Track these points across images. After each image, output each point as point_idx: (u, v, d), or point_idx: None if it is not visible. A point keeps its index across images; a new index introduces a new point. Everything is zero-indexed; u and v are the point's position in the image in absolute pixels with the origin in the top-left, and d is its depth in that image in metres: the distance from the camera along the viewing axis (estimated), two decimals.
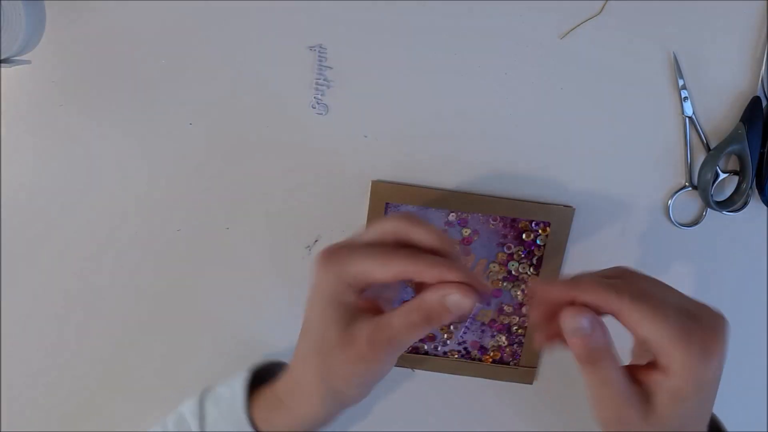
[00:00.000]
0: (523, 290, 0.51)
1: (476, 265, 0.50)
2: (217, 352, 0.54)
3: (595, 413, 0.36)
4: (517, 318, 0.52)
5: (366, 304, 0.38)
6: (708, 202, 0.48)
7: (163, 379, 0.54)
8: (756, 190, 0.48)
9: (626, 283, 0.36)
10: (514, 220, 0.49)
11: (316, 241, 0.51)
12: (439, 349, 0.53)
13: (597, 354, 0.35)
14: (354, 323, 0.37)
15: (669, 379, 0.34)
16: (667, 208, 0.49)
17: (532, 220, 0.49)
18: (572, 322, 0.35)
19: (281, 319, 0.52)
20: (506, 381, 0.53)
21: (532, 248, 0.50)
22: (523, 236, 0.49)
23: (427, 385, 0.54)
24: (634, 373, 0.36)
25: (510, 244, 0.50)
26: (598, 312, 0.35)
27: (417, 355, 0.53)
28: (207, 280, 0.52)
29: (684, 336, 0.33)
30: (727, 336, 0.35)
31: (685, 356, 0.33)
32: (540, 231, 0.49)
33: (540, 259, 0.50)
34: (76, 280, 0.52)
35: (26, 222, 0.50)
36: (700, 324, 0.34)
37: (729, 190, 0.49)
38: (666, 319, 0.34)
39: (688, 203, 0.50)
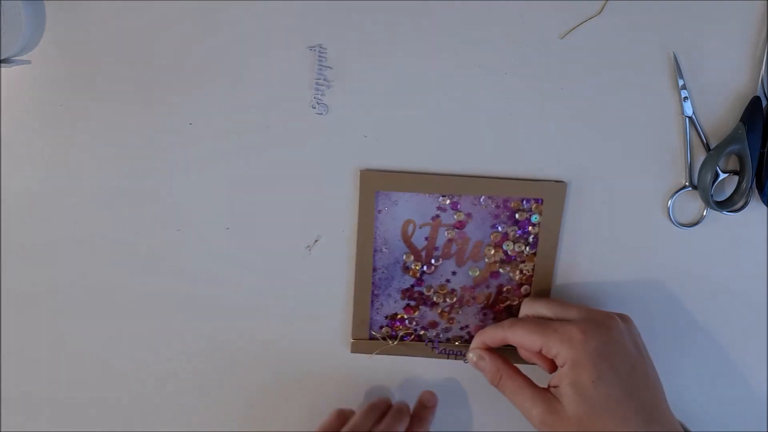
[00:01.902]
0: (521, 270, 0.51)
1: (472, 248, 0.50)
2: (216, 352, 0.54)
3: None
4: (517, 299, 0.52)
5: None
6: (708, 202, 0.48)
7: (163, 378, 0.54)
8: (756, 190, 0.48)
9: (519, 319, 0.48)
10: (506, 201, 0.49)
11: (316, 241, 0.51)
12: (441, 336, 0.53)
13: (495, 376, 0.47)
14: None
15: (561, 369, 0.43)
16: (667, 208, 0.49)
17: (528, 207, 0.49)
18: (469, 356, 0.49)
19: (281, 319, 0.52)
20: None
21: (527, 228, 0.50)
22: (517, 216, 0.49)
23: (432, 372, 0.54)
24: (550, 383, 0.44)
25: (504, 225, 0.50)
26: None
27: (419, 343, 0.53)
28: (207, 280, 0.52)
29: (550, 333, 0.43)
30: (592, 326, 0.43)
31: (553, 345, 0.43)
32: (533, 208, 0.49)
33: (536, 238, 0.50)
34: (75, 279, 0.52)
35: (26, 222, 0.50)
36: (571, 321, 0.44)
37: (729, 190, 0.49)
38: (533, 329, 0.44)
39: (688, 203, 0.50)
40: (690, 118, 0.47)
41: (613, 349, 0.43)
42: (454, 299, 0.52)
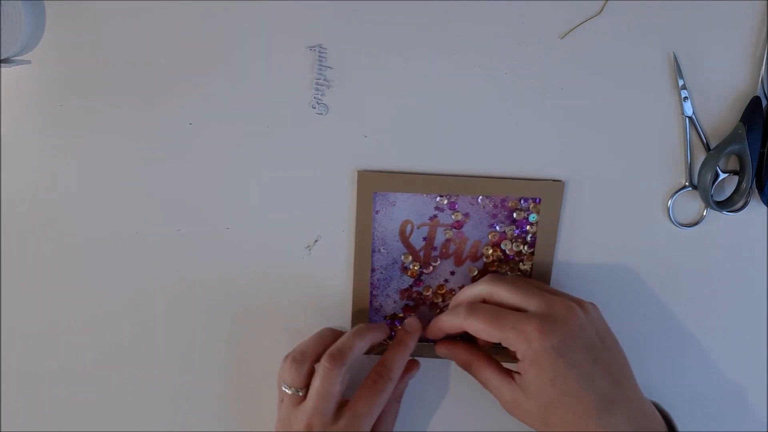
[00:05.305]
0: (519, 269, 0.51)
1: (470, 248, 0.50)
2: (215, 353, 0.54)
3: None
4: None
5: None
6: (708, 202, 0.48)
7: (162, 379, 0.54)
8: (756, 190, 0.48)
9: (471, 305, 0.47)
10: (504, 200, 0.49)
11: (316, 240, 0.51)
12: None
13: (466, 363, 0.49)
14: None
15: (521, 363, 0.44)
16: (667, 208, 0.49)
17: (525, 207, 0.49)
18: (438, 352, 0.51)
19: (281, 318, 0.53)
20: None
21: (525, 227, 0.50)
22: (514, 215, 0.50)
23: (431, 371, 0.54)
24: (517, 368, 0.45)
25: (502, 224, 0.50)
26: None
27: (418, 343, 0.52)
28: (207, 280, 0.52)
29: (508, 330, 0.43)
30: (549, 324, 0.43)
31: (512, 341, 0.43)
32: (531, 207, 0.49)
33: (534, 237, 0.50)
34: (75, 280, 0.52)
35: (26, 222, 0.50)
36: (529, 317, 0.43)
37: (729, 190, 0.49)
38: (491, 322, 0.44)
39: (688, 203, 0.50)
40: (690, 118, 0.47)
41: (572, 346, 0.43)
42: None
